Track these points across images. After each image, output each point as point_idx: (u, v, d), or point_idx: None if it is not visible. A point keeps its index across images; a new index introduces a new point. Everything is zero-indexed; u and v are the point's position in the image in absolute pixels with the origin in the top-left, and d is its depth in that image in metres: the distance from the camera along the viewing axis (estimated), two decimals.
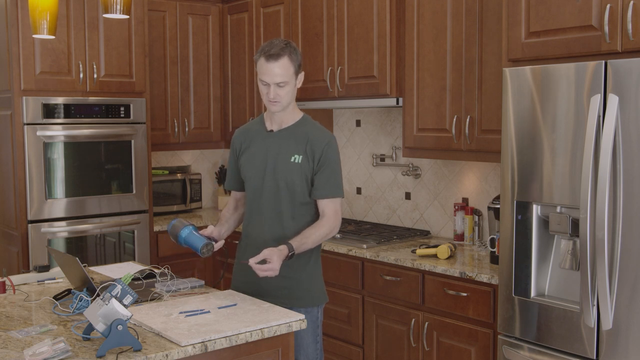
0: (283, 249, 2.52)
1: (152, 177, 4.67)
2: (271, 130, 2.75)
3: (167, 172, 4.99)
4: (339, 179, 2.72)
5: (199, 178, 5.11)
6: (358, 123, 4.49)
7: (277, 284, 2.69)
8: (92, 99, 4.18)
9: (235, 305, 2.44)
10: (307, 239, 2.61)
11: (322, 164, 2.67)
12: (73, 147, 4.13)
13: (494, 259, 3.21)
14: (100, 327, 1.97)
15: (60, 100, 4.06)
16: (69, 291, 2.62)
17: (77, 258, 2.50)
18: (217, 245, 2.67)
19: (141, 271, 2.93)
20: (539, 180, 2.69)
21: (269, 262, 2.48)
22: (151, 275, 2.90)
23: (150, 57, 4.61)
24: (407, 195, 4.19)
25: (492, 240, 3.24)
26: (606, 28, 2.51)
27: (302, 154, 2.68)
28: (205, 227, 2.75)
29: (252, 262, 2.48)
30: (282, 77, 2.59)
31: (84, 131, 4.14)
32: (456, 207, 3.76)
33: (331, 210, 2.68)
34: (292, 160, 2.68)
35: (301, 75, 2.70)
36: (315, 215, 2.74)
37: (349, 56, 3.93)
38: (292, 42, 2.76)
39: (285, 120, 2.74)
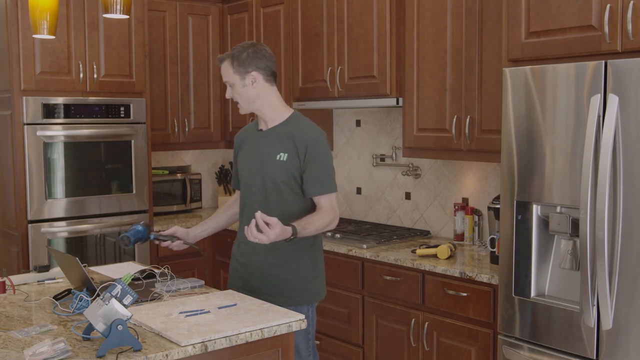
0: (287, 230, 2.49)
1: (152, 177, 4.68)
2: (261, 130, 2.83)
3: (167, 172, 4.99)
4: (330, 174, 2.73)
5: (199, 178, 5.11)
6: (358, 123, 4.49)
7: (265, 281, 2.74)
8: (92, 99, 4.19)
9: (235, 305, 2.44)
10: (310, 225, 2.60)
11: (309, 160, 2.69)
12: (73, 147, 4.13)
13: (494, 259, 3.21)
14: (100, 327, 1.97)
15: (60, 100, 4.06)
16: (69, 291, 2.62)
17: (77, 258, 2.50)
18: (176, 245, 2.79)
19: (141, 271, 2.93)
20: (539, 180, 2.69)
21: (266, 228, 2.42)
22: (151, 275, 2.89)
23: (150, 57, 4.61)
24: (407, 195, 4.19)
25: (492, 240, 3.24)
26: (606, 28, 2.51)
27: (287, 152, 2.71)
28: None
29: (259, 215, 2.41)
30: (226, 77, 2.75)
31: (84, 131, 4.14)
32: (456, 207, 3.76)
33: (327, 205, 2.70)
34: (278, 158, 2.72)
35: (252, 75, 2.71)
36: (306, 213, 2.74)
37: (349, 56, 3.93)
38: (255, 45, 2.76)
39: (273, 119, 2.79)
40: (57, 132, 4.05)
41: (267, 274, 2.74)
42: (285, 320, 2.29)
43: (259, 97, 2.75)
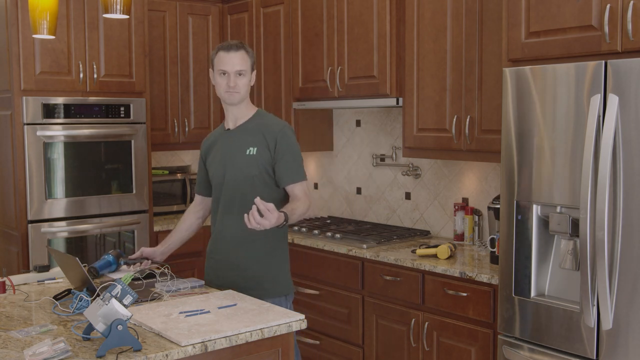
0: (281, 216, 2.53)
1: (152, 177, 4.67)
2: (228, 129, 2.89)
3: (167, 172, 4.99)
4: (300, 163, 2.82)
5: None
6: (358, 123, 4.49)
7: (241, 276, 2.80)
8: (92, 99, 4.18)
9: (235, 305, 2.44)
10: (295, 211, 2.66)
11: (279, 151, 2.78)
12: (73, 147, 4.13)
13: (494, 259, 3.21)
14: (100, 327, 1.97)
15: (60, 100, 4.06)
16: (69, 291, 2.62)
17: (77, 258, 2.50)
18: (144, 265, 2.91)
19: (141, 271, 2.93)
20: (539, 180, 2.69)
21: (268, 213, 2.42)
22: (151, 275, 2.89)
23: (150, 57, 4.61)
24: (407, 195, 4.19)
25: (492, 240, 3.24)
26: (606, 28, 2.51)
27: (257, 146, 2.78)
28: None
29: (259, 201, 2.42)
30: (241, 65, 2.77)
31: (84, 131, 4.14)
32: (456, 207, 3.76)
33: (301, 192, 2.77)
34: (248, 153, 2.79)
35: (254, 75, 2.86)
36: (280, 203, 2.79)
37: (349, 56, 3.93)
38: None
39: (240, 117, 2.87)
40: (57, 132, 4.05)
41: (244, 268, 2.81)
42: (285, 320, 2.29)
43: (247, 95, 2.86)
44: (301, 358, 3.17)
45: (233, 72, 2.76)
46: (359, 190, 4.52)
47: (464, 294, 3.14)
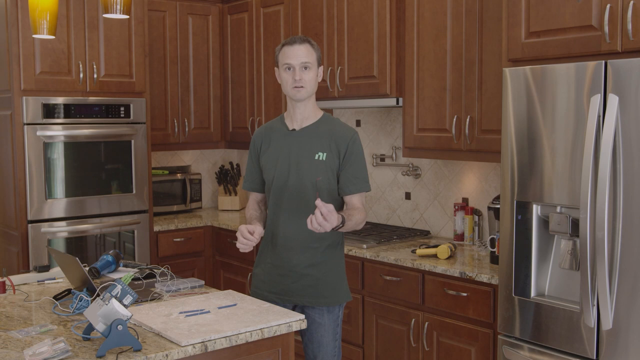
0: (340, 217, 2.45)
1: (152, 177, 4.68)
2: (293, 130, 2.77)
3: (167, 172, 4.99)
4: (366, 173, 2.75)
5: (199, 178, 5.11)
6: (358, 123, 4.49)
7: (302, 283, 2.71)
8: (92, 99, 4.19)
9: (235, 305, 2.44)
10: (351, 218, 2.57)
11: (348, 159, 2.70)
12: (73, 147, 4.13)
13: (494, 259, 3.21)
14: (100, 327, 1.97)
15: (60, 100, 4.06)
16: (69, 291, 2.62)
17: (77, 258, 2.51)
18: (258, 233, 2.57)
19: (141, 271, 2.93)
20: (539, 180, 2.69)
21: (326, 216, 2.34)
22: (151, 275, 2.90)
23: (150, 57, 4.61)
24: (407, 195, 4.19)
25: (492, 240, 3.24)
26: (606, 28, 2.51)
27: (326, 151, 2.70)
28: (244, 224, 2.68)
29: (320, 203, 2.35)
30: (307, 57, 2.67)
31: (84, 131, 4.14)
32: (456, 207, 3.76)
33: (360, 204, 2.71)
34: (317, 158, 2.69)
35: (321, 69, 2.76)
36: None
37: (349, 56, 3.93)
38: None
39: (307, 119, 2.77)
40: (57, 132, 4.05)
41: (305, 274, 2.71)
42: (285, 320, 2.29)
43: (314, 91, 2.76)
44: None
45: (298, 64, 2.65)
46: None
47: (464, 294, 3.14)
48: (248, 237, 2.51)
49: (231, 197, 5.17)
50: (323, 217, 2.34)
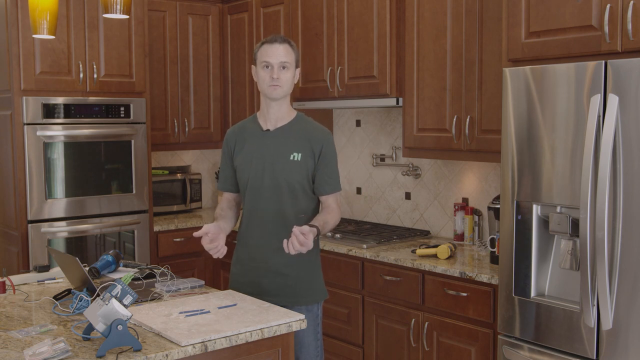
0: (314, 230, 2.47)
1: (152, 177, 4.68)
2: (267, 130, 2.76)
3: (167, 172, 4.99)
4: (338, 173, 2.78)
5: (199, 178, 5.11)
6: (358, 123, 4.49)
7: (279, 283, 2.71)
8: (92, 99, 4.18)
9: (235, 305, 2.44)
10: (327, 224, 2.62)
11: (323, 160, 2.71)
12: (73, 147, 4.13)
13: (494, 259, 3.21)
14: (100, 327, 1.97)
15: (60, 100, 4.06)
16: (69, 291, 2.62)
17: (77, 258, 2.51)
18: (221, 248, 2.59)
19: (141, 271, 2.93)
20: (539, 180, 2.69)
21: (303, 237, 2.39)
22: (151, 275, 2.90)
23: (150, 57, 4.61)
24: (407, 195, 4.19)
25: (492, 240, 3.24)
26: (606, 28, 2.51)
27: (301, 152, 2.69)
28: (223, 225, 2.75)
29: (297, 231, 2.39)
30: (286, 57, 2.67)
31: (84, 131, 4.14)
32: (456, 207, 3.76)
33: (334, 203, 2.73)
34: (292, 158, 2.69)
35: (298, 71, 2.76)
36: (316, 212, 2.76)
37: (349, 56, 3.93)
38: None
39: (281, 119, 2.76)
40: (57, 132, 4.05)
41: (282, 274, 2.72)
42: (285, 320, 2.29)
43: (290, 92, 2.76)
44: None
45: (277, 63, 2.64)
46: (359, 190, 4.52)
47: (464, 294, 3.14)
48: (210, 246, 2.53)
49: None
50: (299, 244, 2.39)
